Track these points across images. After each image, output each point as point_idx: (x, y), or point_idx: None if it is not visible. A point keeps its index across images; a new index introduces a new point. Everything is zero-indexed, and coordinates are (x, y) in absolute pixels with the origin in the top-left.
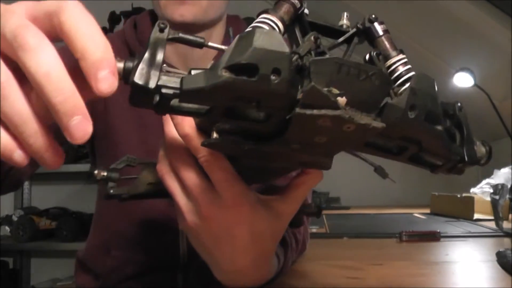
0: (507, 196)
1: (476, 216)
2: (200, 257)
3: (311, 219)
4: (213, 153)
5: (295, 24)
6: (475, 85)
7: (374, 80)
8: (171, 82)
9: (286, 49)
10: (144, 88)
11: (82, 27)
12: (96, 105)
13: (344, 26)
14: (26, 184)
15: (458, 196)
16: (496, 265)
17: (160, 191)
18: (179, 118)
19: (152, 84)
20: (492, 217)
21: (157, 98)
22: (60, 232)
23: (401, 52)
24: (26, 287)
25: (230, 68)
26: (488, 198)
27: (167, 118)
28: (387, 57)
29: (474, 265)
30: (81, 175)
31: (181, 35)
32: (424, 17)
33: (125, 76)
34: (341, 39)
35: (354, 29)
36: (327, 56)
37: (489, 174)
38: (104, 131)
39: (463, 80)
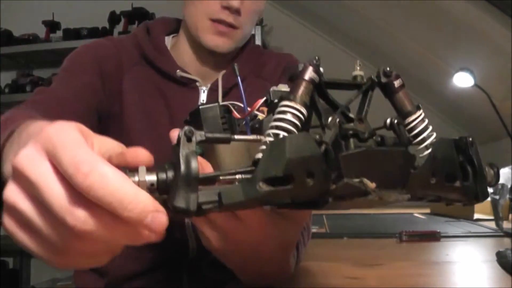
0: (507, 196)
1: (476, 216)
2: (210, 254)
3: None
4: None
5: (314, 92)
6: (475, 85)
7: (399, 160)
8: (210, 196)
9: (316, 150)
10: (186, 211)
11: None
12: (113, 106)
13: (358, 78)
14: None
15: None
16: (496, 265)
17: None
18: None
19: (193, 207)
20: (492, 217)
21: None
22: None
23: (418, 108)
24: (26, 287)
25: (267, 181)
26: (488, 198)
27: None
28: (406, 114)
29: (474, 265)
30: None
31: (208, 135)
32: (424, 17)
33: (160, 187)
34: (358, 93)
35: (369, 82)
36: (352, 146)
37: None
38: (119, 131)
39: (463, 80)
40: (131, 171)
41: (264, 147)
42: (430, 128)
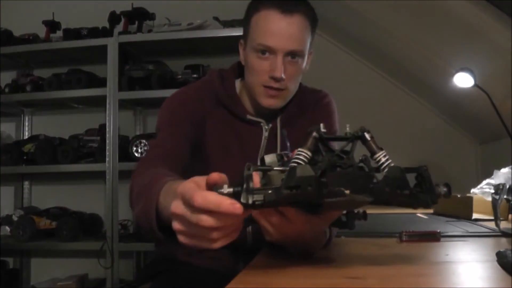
0: (504, 196)
1: (475, 216)
2: (262, 246)
3: None
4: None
5: (318, 141)
6: (475, 85)
7: (364, 177)
8: (259, 197)
9: (312, 173)
10: (246, 204)
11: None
12: (200, 143)
13: (348, 134)
14: (26, 184)
15: (458, 196)
16: (496, 265)
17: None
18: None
19: (250, 202)
20: (492, 217)
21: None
22: (60, 232)
23: (381, 149)
24: (26, 287)
25: (286, 188)
26: (489, 198)
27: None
28: (373, 153)
29: (474, 265)
30: (81, 175)
31: (258, 167)
32: (424, 17)
33: (235, 195)
34: (346, 144)
35: (354, 136)
36: (338, 169)
37: (489, 175)
38: (203, 159)
39: (463, 80)
40: (219, 187)
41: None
42: (390, 161)
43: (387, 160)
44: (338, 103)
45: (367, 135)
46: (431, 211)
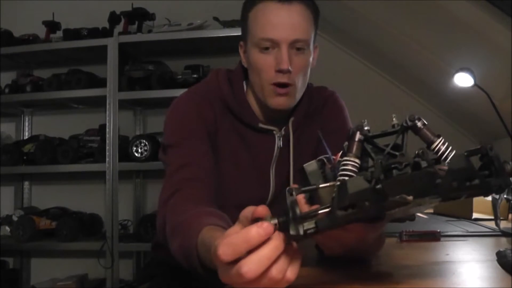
0: (504, 195)
1: (475, 215)
2: None
3: None
4: None
5: (363, 142)
6: (475, 85)
7: (425, 177)
8: (311, 224)
9: (366, 185)
10: (297, 236)
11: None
12: (212, 146)
13: (395, 126)
14: (26, 184)
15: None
16: (496, 265)
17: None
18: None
19: (301, 232)
20: (492, 217)
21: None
22: (60, 232)
23: (438, 136)
24: (26, 287)
25: (341, 208)
26: (489, 198)
27: None
28: (430, 143)
29: (474, 265)
30: (81, 175)
31: (302, 189)
32: (424, 17)
33: (280, 227)
34: (397, 137)
35: (404, 127)
36: (394, 172)
37: None
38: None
39: (463, 80)
40: (261, 219)
41: (335, 189)
42: (450, 148)
43: (447, 148)
44: None
45: (418, 123)
46: (431, 210)
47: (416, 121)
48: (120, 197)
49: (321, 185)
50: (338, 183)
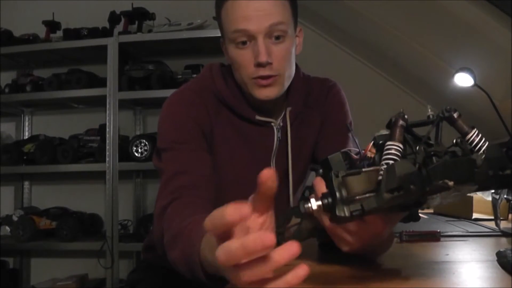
0: (504, 195)
1: (475, 215)
2: None
3: None
4: None
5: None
6: (475, 85)
7: (465, 164)
8: (356, 206)
9: (413, 168)
10: (344, 217)
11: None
12: (208, 144)
13: (431, 116)
14: (26, 184)
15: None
16: (496, 265)
17: (318, 233)
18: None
19: (348, 214)
20: (492, 217)
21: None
22: (60, 232)
23: (473, 128)
24: (26, 287)
25: (388, 191)
26: (489, 198)
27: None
28: (465, 134)
29: (474, 265)
30: (81, 175)
31: (347, 172)
32: (425, 17)
33: (325, 208)
34: (432, 127)
35: (440, 117)
36: (434, 160)
37: None
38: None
39: (463, 80)
40: (307, 202)
41: (382, 172)
42: (483, 139)
43: (481, 139)
44: None
45: (454, 115)
46: (431, 210)
47: (452, 112)
48: (120, 197)
49: (365, 169)
50: (384, 166)
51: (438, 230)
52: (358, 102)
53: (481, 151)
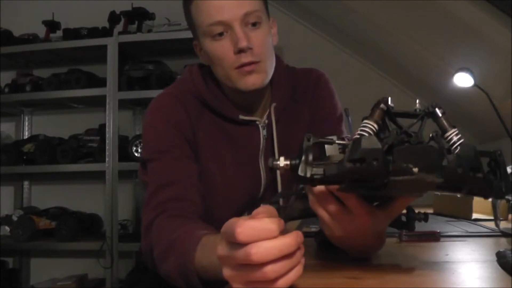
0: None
1: (475, 216)
2: None
3: (312, 219)
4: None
5: (385, 116)
6: (475, 85)
7: (433, 153)
8: (319, 171)
9: (379, 146)
10: (304, 178)
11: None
12: (192, 149)
13: (417, 110)
14: (26, 184)
15: (458, 196)
16: (495, 265)
17: (308, 214)
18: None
19: (308, 175)
20: (491, 217)
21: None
22: (60, 232)
23: (454, 127)
24: (25, 287)
25: (350, 160)
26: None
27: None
28: (445, 131)
29: (474, 265)
30: (81, 175)
31: (320, 139)
32: (424, 17)
33: (292, 168)
34: (417, 120)
35: (424, 112)
36: (405, 144)
37: None
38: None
39: (463, 80)
40: (276, 159)
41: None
42: (462, 139)
43: (459, 139)
44: None
45: (438, 111)
46: (431, 210)
47: (437, 109)
48: (119, 197)
49: (337, 141)
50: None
51: (438, 230)
52: (357, 102)
53: (457, 149)
